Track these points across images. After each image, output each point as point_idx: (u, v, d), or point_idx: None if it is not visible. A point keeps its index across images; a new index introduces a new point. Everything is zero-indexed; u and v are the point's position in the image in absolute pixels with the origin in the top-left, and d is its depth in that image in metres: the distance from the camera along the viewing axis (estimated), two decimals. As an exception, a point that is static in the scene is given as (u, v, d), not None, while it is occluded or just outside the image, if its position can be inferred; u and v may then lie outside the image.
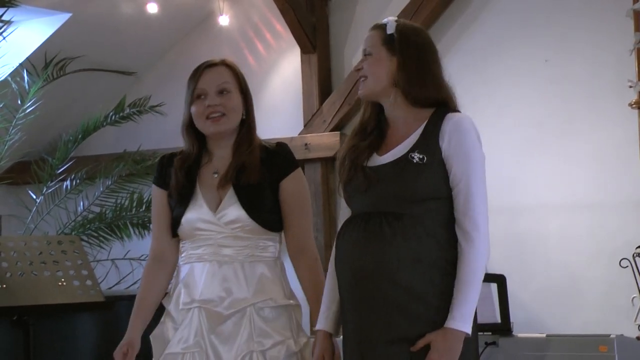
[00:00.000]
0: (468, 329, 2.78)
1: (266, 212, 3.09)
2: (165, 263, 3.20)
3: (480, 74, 5.95)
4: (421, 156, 2.84)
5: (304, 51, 6.56)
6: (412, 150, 2.86)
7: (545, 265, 5.82)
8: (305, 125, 6.56)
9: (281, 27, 6.67)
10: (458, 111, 2.93)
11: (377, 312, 2.82)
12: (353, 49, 6.53)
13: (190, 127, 3.21)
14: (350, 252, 2.88)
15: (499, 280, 4.77)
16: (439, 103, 2.92)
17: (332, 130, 6.44)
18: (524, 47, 5.99)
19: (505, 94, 6.00)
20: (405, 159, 2.86)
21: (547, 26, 5.93)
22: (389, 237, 2.81)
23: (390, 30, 2.94)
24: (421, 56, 2.93)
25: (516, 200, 5.87)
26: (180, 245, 3.19)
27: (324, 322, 3.01)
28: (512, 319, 4.75)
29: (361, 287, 2.85)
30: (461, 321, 2.76)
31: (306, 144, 6.41)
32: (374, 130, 2.98)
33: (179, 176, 3.17)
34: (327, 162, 6.47)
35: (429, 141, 2.86)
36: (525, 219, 5.88)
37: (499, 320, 4.74)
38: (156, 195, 3.25)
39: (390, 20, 2.97)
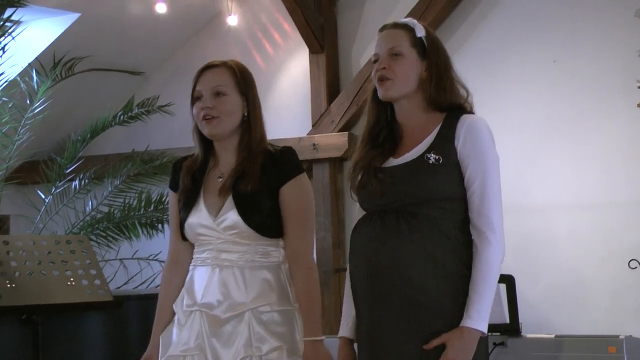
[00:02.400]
0: (484, 328, 2.79)
1: (264, 218, 3.07)
2: (180, 266, 3.21)
3: (488, 74, 5.95)
4: (437, 157, 2.85)
5: (312, 51, 6.56)
6: (427, 151, 2.88)
7: (553, 265, 5.82)
8: (313, 126, 6.56)
9: (289, 27, 6.68)
10: (472, 113, 2.95)
11: (389, 308, 2.83)
12: (361, 48, 6.53)
13: (197, 130, 3.21)
14: (367, 247, 2.89)
15: (508, 280, 4.77)
16: (454, 106, 2.94)
17: (341, 130, 6.44)
18: (532, 48, 5.98)
19: (513, 94, 6.00)
20: (421, 160, 2.87)
21: (555, 26, 5.92)
22: (407, 233, 2.82)
23: (420, 33, 2.95)
24: (447, 61, 2.96)
25: (524, 201, 5.87)
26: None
27: (345, 329, 3.02)
28: (520, 320, 4.75)
29: (375, 283, 2.86)
30: (478, 320, 2.78)
31: (314, 144, 6.41)
32: (387, 136, 2.98)
33: (185, 180, 3.18)
34: (336, 162, 6.47)
35: (445, 142, 2.88)
36: (533, 219, 5.87)
37: (507, 320, 4.73)
38: (171, 199, 3.27)
39: (415, 22, 2.97)
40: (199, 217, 3.11)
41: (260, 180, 3.07)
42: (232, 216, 3.06)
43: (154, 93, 6.82)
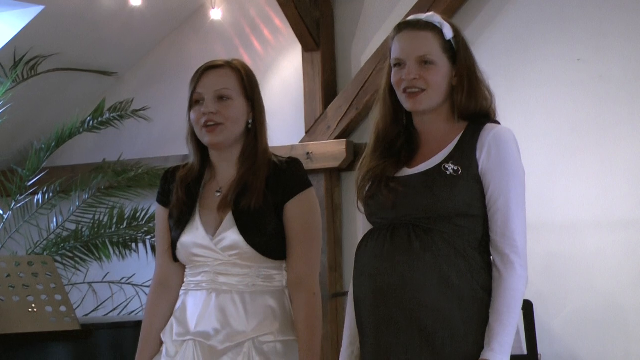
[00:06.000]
0: None
1: (267, 238, 3.08)
2: (169, 289, 3.21)
3: (504, 75, 5.95)
4: (456, 167, 2.87)
5: (306, 49, 6.57)
6: (446, 161, 2.89)
7: (579, 290, 5.81)
8: (307, 132, 6.56)
9: (280, 21, 6.68)
10: (497, 122, 2.97)
11: (397, 334, 2.85)
12: (361, 46, 6.54)
13: (193, 137, 3.19)
14: (373, 265, 2.90)
15: (526, 307, 4.77)
16: (481, 114, 2.96)
17: (338, 137, 6.44)
18: (553, 45, 5.99)
19: (532, 98, 6.00)
20: (437, 170, 2.89)
21: (580, 21, 5.93)
22: (418, 251, 2.84)
23: (449, 35, 2.96)
24: (474, 63, 2.99)
25: (546, 217, 5.87)
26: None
27: (346, 358, 3.04)
28: (540, 351, 4.75)
29: (382, 305, 2.87)
30: (500, 353, 2.80)
31: (308, 153, 6.41)
32: (404, 145, 2.99)
33: (179, 193, 3.17)
34: (332, 174, 6.47)
35: (465, 152, 2.89)
36: (557, 238, 5.87)
37: (525, 351, 4.73)
38: (159, 214, 3.26)
39: (442, 22, 2.98)
40: (194, 236, 3.11)
41: (264, 196, 3.07)
42: (232, 235, 3.06)
43: (128, 96, 6.83)
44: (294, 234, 3.10)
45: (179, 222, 3.15)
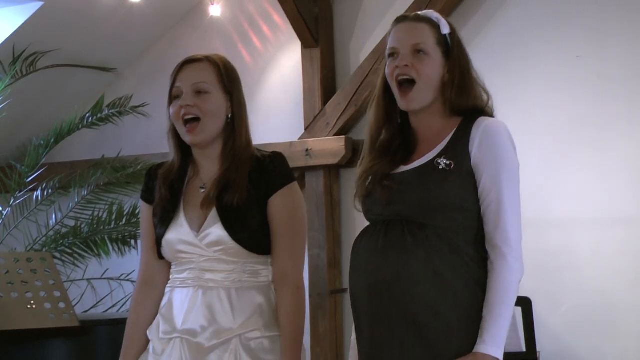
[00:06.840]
0: (499, 354, 2.81)
1: (252, 233, 3.08)
2: (154, 288, 3.21)
3: (502, 73, 5.95)
4: (448, 162, 2.88)
5: (305, 45, 6.57)
6: (439, 156, 2.90)
7: (576, 287, 5.82)
8: (306, 129, 6.56)
9: (280, 18, 6.68)
10: (492, 116, 2.98)
11: (391, 329, 2.86)
12: (360, 42, 6.54)
13: (174, 133, 3.20)
14: (367, 261, 2.92)
15: (524, 303, 4.78)
16: (475, 110, 2.97)
17: (337, 134, 6.44)
18: (552, 42, 5.99)
19: (530, 95, 6.00)
20: (430, 165, 2.91)
21: (579, 17, 5.93)
22: (411, 247, 2.85)
23: (445, 30, 2.99)
24: (469, 62, 3.01)
25: (544, 214, 5.87)
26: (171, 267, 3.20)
27: (355, 357, 3.05)
28: (538, 348, 4.76)
29: (376, 300, 2.88)
30: (492, 345, 2.80)
31: (307, 150, 6.41)
32: (401, 145, 3.00)
33: (162, 191, 3.17)
34: (331, 170, 6.47)
35: (458, 147, 2.91)
36: (554, 235, 5.88)
37: (523, 348, 4.74)
38: (143, 212, 3.27)
39: (439, 17, 3.00)
40: (179, 233, 3.11)
41: (248, 191, 3.07)
42: (216, 231, 3.06)
43: (127, 92, 6.82)
44: (278, 229, 3.10)
45: (163, 220, 3.15)
